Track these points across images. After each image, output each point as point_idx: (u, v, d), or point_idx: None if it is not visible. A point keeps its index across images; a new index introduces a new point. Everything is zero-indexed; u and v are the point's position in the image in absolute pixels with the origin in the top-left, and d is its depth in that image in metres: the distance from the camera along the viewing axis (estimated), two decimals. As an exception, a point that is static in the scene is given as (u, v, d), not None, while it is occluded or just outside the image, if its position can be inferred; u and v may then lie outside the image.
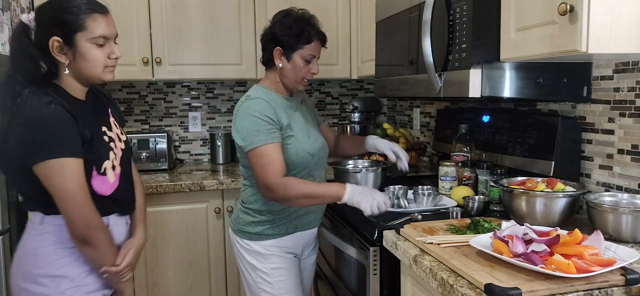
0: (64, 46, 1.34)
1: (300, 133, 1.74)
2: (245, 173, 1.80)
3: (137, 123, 3.10)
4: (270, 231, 1.77)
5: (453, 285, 1.12)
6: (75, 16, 1.33)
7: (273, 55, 1.73)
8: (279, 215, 1.76)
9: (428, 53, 1.67)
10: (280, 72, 1.75)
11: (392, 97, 2.42)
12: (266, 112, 1.65)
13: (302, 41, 1.71)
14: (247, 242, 1.79)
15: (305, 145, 1.73)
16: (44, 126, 1.28)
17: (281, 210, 1.75)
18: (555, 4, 1.26)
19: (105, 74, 1.41)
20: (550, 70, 1.60)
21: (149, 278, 2.53)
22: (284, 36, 1.70)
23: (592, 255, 1.12)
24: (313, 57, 1.74)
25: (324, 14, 2.88)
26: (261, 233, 1.77)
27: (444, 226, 1.49)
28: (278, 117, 1.68)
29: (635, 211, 1.36)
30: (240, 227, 1.81)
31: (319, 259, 2.22)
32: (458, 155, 2.00)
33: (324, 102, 3.39)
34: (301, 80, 1.76)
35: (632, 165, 1.56)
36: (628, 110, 1.56)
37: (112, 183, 1.44)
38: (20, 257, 1.43)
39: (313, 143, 1.77)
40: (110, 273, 1.43)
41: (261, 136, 1.62)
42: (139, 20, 2.66)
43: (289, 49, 1.71)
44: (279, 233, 1.78)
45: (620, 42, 1.25)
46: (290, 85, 1.77)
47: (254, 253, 1.78)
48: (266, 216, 1.77)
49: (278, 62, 1.73)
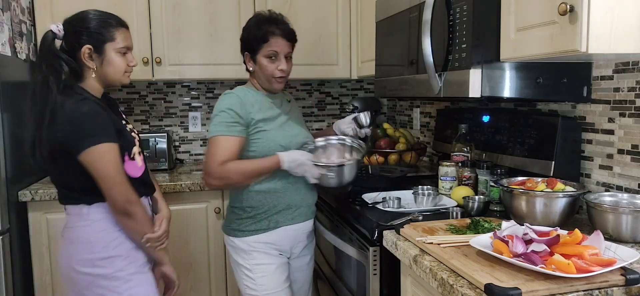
0: (94, 54, 1.58)
1: (275, 126, 1.80)
2: None
3: (137, 123, 3.10)
4: (252, 227, 1.80)
5: (453, 285, 1.12)
6: (107, 29, 1.59)
7: (244, 59, 1.86)
8: (259, 210, 1.80)
9: (428, 53, 1.66)
10: (254, 73, 1.85)
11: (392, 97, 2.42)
12: (233, 106, 1.73)
13: (260, 41, 1.78)
14: (233, 239, 1.83)
15: (278, 138, 1.78)
16: (85, 118, 1.50)
17: (260, 204, 1.79)
18: (555, 4, 1.26)
19: (124, 78, 1.66)
20: (550, 70, 1.60)
21: (149, 278, 2.53)
22: (249, 40, 1.81)
23: (592, 255, 1.12)
24: (276, 54, 1.79)
25: (324, 14, 2.90)
26: (244, 230, 1.81)
27: (444, 226, 1.49)
28: (247, 112, 1.74)
29: (635, 211, 1.36)
30: (227, 225, 1.88)
31: (319, 259, 2.22)
32: (458, 155, 2.00)
33: (324, 102, 3.39)
34: (271, 78, 1.82)
35: (632, 165, 1.56)
36: (628, 110, 1.56)
37: (140, 167, 1.68)
38: (76, 247, 1.60)
39: (290, 136, 1.81)
40: (151, 239, 1.64)
41: (221, 127, 1.71)
42: (139, 20, 2.66)
43: (253, 52, 1.81)
44: (261, 229, 1.80)
45: (620, 42, 1.25)
46: (265, 85, 1.85)
47: (238, 250, 1.83)
48: (248, 211, 1.80)
49: (249, 66, 1.85)
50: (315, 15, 2.87)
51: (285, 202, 1.82)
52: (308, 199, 1.89)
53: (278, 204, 1.81)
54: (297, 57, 2.91)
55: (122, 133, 1.61)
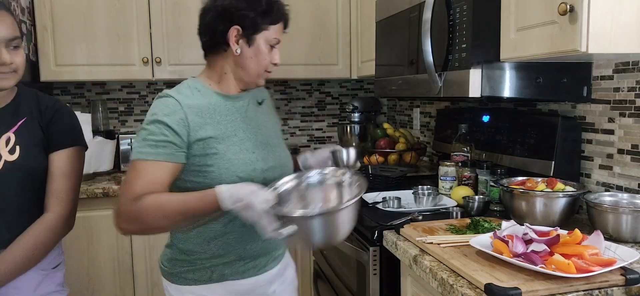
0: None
1: (234, 148, 1.27)
2: None
3: (137, 123, 3.10)
4: (189, 276, 1.32)
5: (453, 285, 1.12)
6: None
7: (227, 37, 1.27)
8: (200, 256, 1.31)
9: (428, 53, 1.66)
10: (236, 60, 1.30)
11: (392, 97, 2.42)
12: (169, 117, 1.20)
13: (268, 20, 1.28)
14: (166, 282, 1.38)
15: (236, 167, 1.25)
16: None
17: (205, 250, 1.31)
18: (555, 4, 1.26)
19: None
20: (550, 70, 1.60)
21: (148, 278, 2.53)
22: (247, 11, 1.26)
23: (592, 255, 1.12)
24: (278, 43, 1.33)
25: (324, 14, 2.90)
26: (177, 275, 1.34)
27: (444, 226, 1.49)
28: (189, 127, 1.22)
29: (635, 211, 1.36)
30: (162, 261, 1.40)
31: (319, 259, 2.21)
32: (458, 155, 2.00)
33: (324, 102, 3.39)
34: (263, 72, 1.33)
35: (632, 165, 1.56)
36: (628, 110, 1.56)
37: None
38: None
39: (255, 161, 1.29)
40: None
41: (145, 147, 1.19)
42: (139, 20, 2.66)
43: (251, 29, 1.27)
44: (201, 279, 1.32)
45: (620, 41, 1.25)
46: (249, 79, 1.33)
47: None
48: (187, 255, 1.32)
49: (234, 46, 1.28)
50: (315, 15, 2.87)
51: (236, 253, 1.31)
52: (268, 245, 1.36)
53: (226, 253, 1.31)
54: (297, 57, 2.95)
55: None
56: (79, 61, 2.61)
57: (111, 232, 2.44)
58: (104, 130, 2.80)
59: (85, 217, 2.35)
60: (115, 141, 2.79)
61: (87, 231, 2.41)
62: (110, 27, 2.63)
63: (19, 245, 1.32)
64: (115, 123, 3.05)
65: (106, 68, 2.64)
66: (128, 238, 2.47)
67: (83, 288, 2.43)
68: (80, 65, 2.62)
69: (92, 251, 2.43)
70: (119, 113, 3.06)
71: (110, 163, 2.72)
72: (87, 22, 2.60)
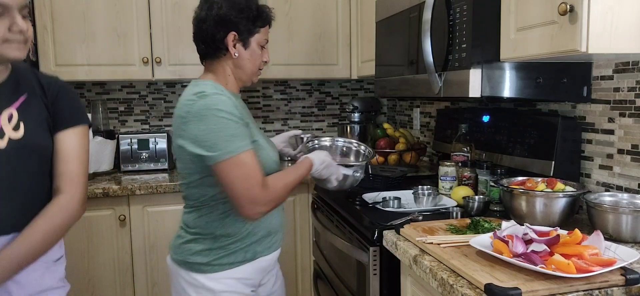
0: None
1: (262, 138, 1.50)
2: (199, 195, 1.45)
3: (137, 123, 3.10)
4: (224, 261, 1.45)
5: (453, 285, 1.12)
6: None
7: (226, 42, 1.44)
8: (237, 237, 1.45)
9: (428, 53, 1.67)
10: (235, 62, 1.48)
11: (392, 97, 2.42)
12: (234, 110, 1.36)
13: (259, 23, 1.47)
14: (195, 276, 1.45)
15: (271, 153, 1.51)
16: None
17: (240, 231, 1.45)
18: (555, 4, 1.26)
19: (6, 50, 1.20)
20: (550, 70, 1.60)
21: (148, 278, 2.53)
22: (240, 18, 1.43)
23: (592, 255, 1.12)
24: (267, 42, 1.53)
25: (324, 14, 2.91)
26: (213, 264, 1.44)
27: (444, 226, 1.49)
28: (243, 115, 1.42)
29: (635, 211, 1.36)
30: (186, 258, 1.47)
31: (319, 259, 2.22)
32: (458, 155, 2.00)
33: (324, 102, 3.39)
34: (257, 71, 1.53)
35: (632, 165, 1.56)
36: (628, 110, 1.56)
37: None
38: None
39: (273, 149, 1.56)
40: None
41: (238, 142, 1.33)
42: (139, 20, 2.66)
43: (245, 33, 1.45)
44: (236, 262, 1.46)
45: (620, 41, 1.25)
46: (246, 78, 1.52)
47: (202, 290, 1.45)
48: (221, 241, 1.45)
49: (233, 50, 1.45)
50: (315, 15, 2.87)
51: (265, 228, 1.50)
52: (283, 222, 1.61)
53: (258, 230, 1.48)
54: (297, 57, 2.95)
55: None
56: (79, 61, 2.61)
57: (111, 232, 2.44)
58: (104, 130, 2.80)
59: (85, 216, 2.35)
60: (115, 141, 2.79)
61: (87, 231, 2.41)
62: (110, 27, 2.63)
63: (37, 228, 1.24)
64: (115, 124, 3.05)
65: (106, 68, 2.64)
66: (128, 239, 2.47)
67: (83, 288, 2.43)
68: (80, 65, 2.62)
69: (92, 251, 2.43)
70: (119, 113, 3.07)
71: (110, 164, 2.73)
72: (87, 21, 2.60)
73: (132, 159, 2.80)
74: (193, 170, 1.41)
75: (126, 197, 2.45)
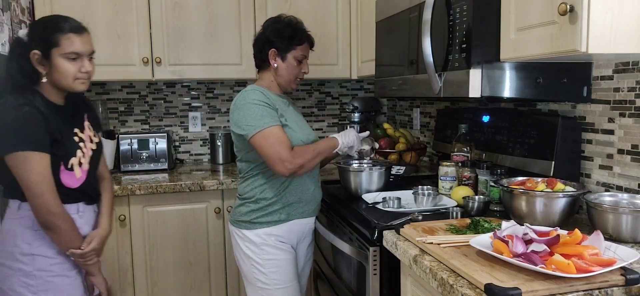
0: (43, 59, 1.56)
1: (294, 124, 1.87)
2: (246, 168, 1.90)
3: (137, 123, 3.10)
4: (263, 219, 1.85)
5: (453, 285, 1.12)
6: (54, 35, 1.55)
7: (268, 56, 1.89)
8: (273, 201, 1.85)
9: (428, 53, 1.66)
10: (276, 71, 1.91)
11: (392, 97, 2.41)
12: (264, 99, 1.79)
13: (294, 42, 1.89)
14: (243, 232, 1.88)
15: (300, 135, 1.86)
16: (13, 122, 1.50)
17: (274, 195, 1.85)
18: (555, 4, 1.26)
19: (76, 84, 1.61)
20: (550, 70, 1.60)
21: (149, 278, 2.53)
22: (278, 39, 1.88)
23: (592, 255, 1.12)
24: (304, 58, 1.93)
25: (324, 14, 2.90)
26: (255, 221, 1.85)
27: (444, 226, 1.49)
28: (275, 106, 1.82)
29: (635, 211, 1.36)
30: (237, 218, 1.91)
31: (319, 259, 2.22)
32: (458, 155, 2.00)
33: (324, 102, 3.39)
34: (295, 79, 1.94)
35: (632, 165, 1.56)
36: (628, 110, 1.56)
37: (79, 178, 1.65)
38: (2, 239, 1.62)
39: (307, 134, 1.91)
40: (75, 255, 1.63)
41: (266, 119, 1.75)
42: (139, 20, 2.66)
43: (283, 50, 1.88)
44: (273, 221, 1.86)
45: (620, 42, 1.25)
46: (285, 84, 1.94)
47: (248, 242, 1.87)
48: (260, 203, 1.85)
49: (273, 62, 1.90)
50: (315, 16, 2.87)
51: (296, 195, 1.87)
52: (316, 195, 1.96)
53: (291, 196, 1.86)
54: (297, 57, 2.95)
55: (60, 142, 1.58)
56: (79, 61, 2.61)
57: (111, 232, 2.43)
58: (104, 131, 2.80)
59: (85, 217, 2.35)
60: (115, 141, 2.79)
61: (87, 231, 2.41)
62: (110, 27, 2.63)
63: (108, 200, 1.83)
64: (115, 124, 3.06)
65: (106, 68, 2.63)
66: (128, 239, 2.47)
67: (83, 288, 2.43)
68: (80, 65, 2.62)
69: (92, 251, 2.43)
70: (119, 113, 3.07)
71: (110, 164, 2.73)
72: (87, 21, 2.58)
73: (132, 159, 2.80)
74: (240, 148, 1.88)
75: (126, 197, 2.45)
